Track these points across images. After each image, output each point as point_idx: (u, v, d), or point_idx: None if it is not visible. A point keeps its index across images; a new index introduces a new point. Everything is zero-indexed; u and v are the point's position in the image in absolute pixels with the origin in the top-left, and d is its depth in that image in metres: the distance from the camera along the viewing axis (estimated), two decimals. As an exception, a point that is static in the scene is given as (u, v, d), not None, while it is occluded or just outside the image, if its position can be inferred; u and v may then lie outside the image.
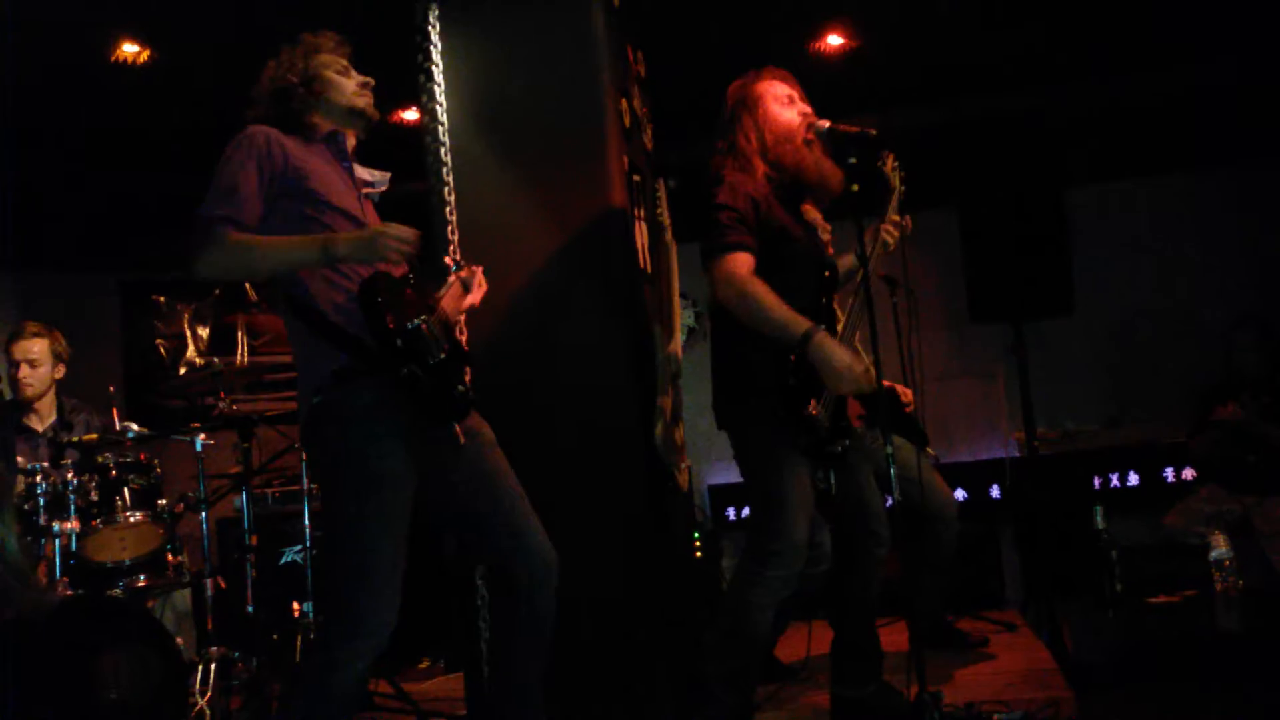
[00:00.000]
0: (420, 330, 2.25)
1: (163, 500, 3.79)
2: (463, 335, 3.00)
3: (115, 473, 3.69)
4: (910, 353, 3.59)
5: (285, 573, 4.71)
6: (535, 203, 3.08)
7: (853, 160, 2.77)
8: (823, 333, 2.66)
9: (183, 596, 4.02)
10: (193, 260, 2.22)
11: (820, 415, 2.73)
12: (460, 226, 3.10)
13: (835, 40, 5.25)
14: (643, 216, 3.35)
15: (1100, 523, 4.49)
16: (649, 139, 3.70)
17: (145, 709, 3.16)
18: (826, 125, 2.84)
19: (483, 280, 2.59)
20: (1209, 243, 5.88)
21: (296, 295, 2.30)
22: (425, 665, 4.84)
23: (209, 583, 3.91)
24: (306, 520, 4.05)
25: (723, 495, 6.11)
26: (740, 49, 4.64)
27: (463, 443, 2.36)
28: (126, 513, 3.65)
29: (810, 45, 5.26)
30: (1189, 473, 5.37)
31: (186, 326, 6.18)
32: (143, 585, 3.64)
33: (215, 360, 5.91)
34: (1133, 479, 5.56)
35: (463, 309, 2.56)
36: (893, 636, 3.42)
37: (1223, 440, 4.57)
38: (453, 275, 2.54)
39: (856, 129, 2.78)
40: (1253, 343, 4.63)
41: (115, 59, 4.70)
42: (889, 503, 3.08)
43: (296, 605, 3.97)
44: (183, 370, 6.07)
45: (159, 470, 3.84)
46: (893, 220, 3.09)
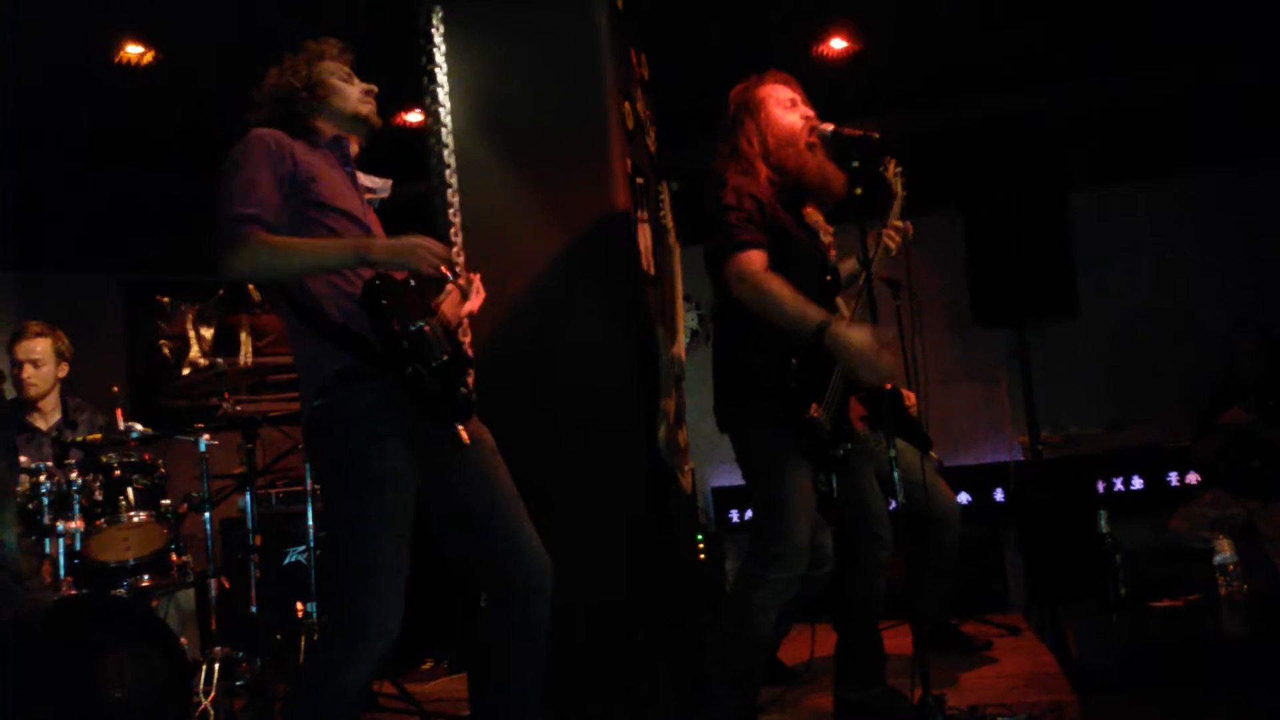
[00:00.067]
0: (424, 332, 2.25)
1: (167, 500, 3.80)
2: (466, 337, 3.01)
3: (119, 473, 3.69)
4: (913, 356, 3.59)
5: (289, 573, 4.72)
6: (538, 205, 3.08)
7: (856, 164, 2.77)
8: (839, 321, 2.65)
9: (187, 596, 4.03)
10: (223, 260, 2.22)
11: (822, 418, 2.73)
12: (463, 228, 3.10)
13: (838, 43, 5.25)
14: (646, 219, 3.35)
15: (1104, 526, 4.48)
16: (652, 141, 3.70)
17: (149, 709, 3.16)
18: (830, 128, 2.85)
19: (480, 287, 2.59)
20: (1210, 244, 5.87)
21: (298, 296, 2.29)
22: (429, 666, 4.84)
23: (213, 583, 3.92)
24: (310, 520, 4.06)
25: (726, 498, 6.11)
26: (743, 52, 4.64)
27: (466, 444, 2.36)
28: (130, 513, 3.65)
29: (813, 48, 5.26)
30: (1193, 477, 5.36)
31: (190, 327, 6.18)
32: (146, 585, 3.64)
33: (219, 361, 5.89)
34: (1137, 483, 5.55)
35: (462, 315, 2.56)
36: (896, 639, 3.41)
37: (1227, 444, 4.56)
38: (449, 284, 2.54)
39: (859, 132, 2.78)
40: (1253, 346, 4.63)
41: (119, 60, 4.71)
42: (892, 506, 3.07)
43: (300, 605, 3.98)
44: (186, 371, 6.07)
45: (163, 470, 3.84)
46: (894, 226, 3.09)
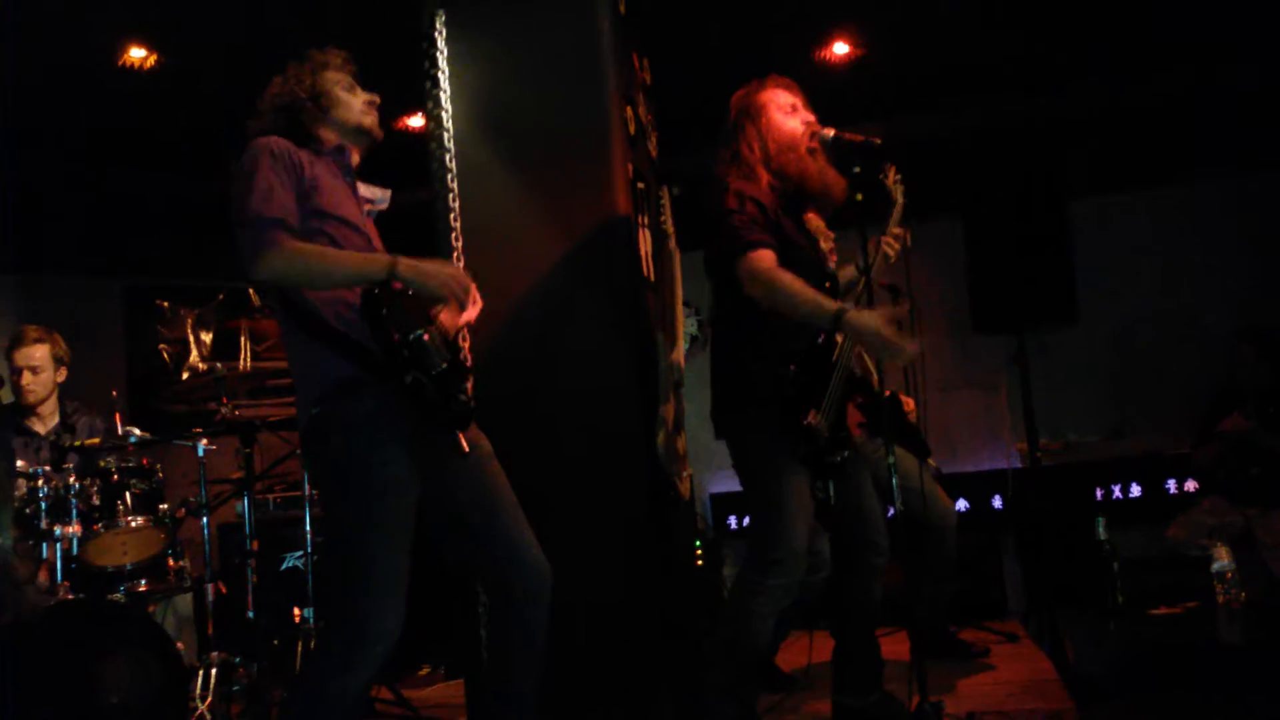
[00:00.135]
0: (423, 341, 2.25)
1: (164, 505, 3.79)
2: (465, 343, 3.00)
3: (117, 477, 3.69)
4: (913, 363, 3.59)
5: (286, 578, 4.71)
6: (539, 209, 3.08)
7: (857, 169, 2.78)
8: (853, 309, 2.63)
9: (184, 601, 4.03)
10: (253, 263, 2.20)
11: (819, 425, 2.73)
12: (464, 233, 3.10)
13: (840, 48, 5.26)
14: (646, 224, 3.35)
15: (1102, 534, 4.49)
16: (653, 146, 3.71)
17: (146, 714, 3.16)
18: (831, 134, 2.85)
19: (478, 297, 2.59)
20: (1211, 249, 5.88)
21: (297, 302, 2.29)
22: (426, 672, 4.84)
23: (210, 588, 3.92)
24: (308, 526, 4.05)
25: (724, 504, 6.11)
26: (745, 57, 4.63)
27: (466, 452, 2.36)
28: (128, 517, 3.64)
29: (815, 53, 5.27)
30: (1191, 484, 5.36)
31: (189, 331, 6.19)
32: (144, 590, 3.63)
33: (218, 365, 5.89)
34: (1135, 490, 5.55)
35: (460, 324, 2.56)
36: (894, 646, 3.41)
37: (1226, 452, 4.56)
38: None
39: (861, 138, 2.79)
40: (1254, 354, 4.63)
41: (122, 63, 4.71)
42: (890, 512, 3.07)
43: (297, 611, 3.98)
44: (185, 375, 6.08)
45: (161, 475, 3.84)
46: (894, 233, 3.09)
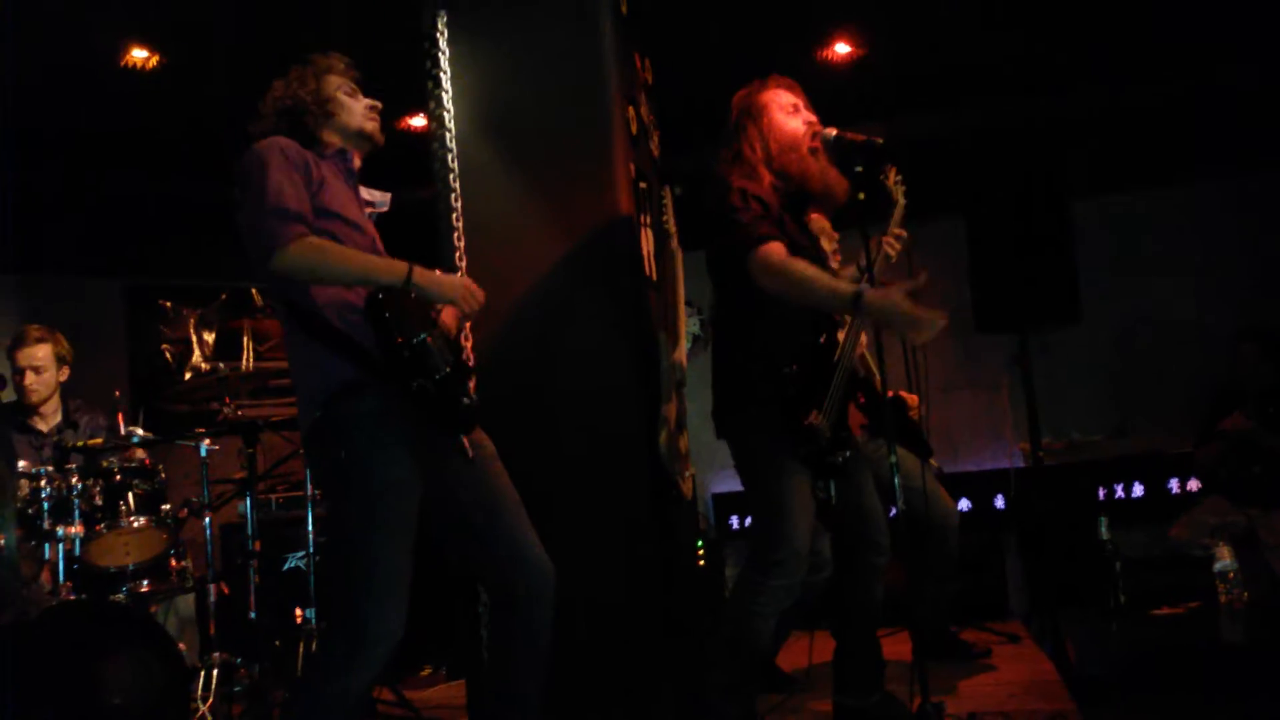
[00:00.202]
0: (426, 344, 2.25)
1: (166, 505, 3.79)
2: (467, 342, 3.00)
3: (119, 477, 3.69)
4: (915, 363, 3.59)
5: (288, 579, 4.71)
6: (541, 209, 3.08)
7: (859, 169, 2.77)
8: (872, 289, 2.62)
9: (186, 602, 4.02)
10: (272, 255, 2.19)
11: (821, 425, 2.72)
12: (466, 233, 3.10)
13: (842, 48, 5.26)
14: (648, 223, 3.35)
15: (1105, 534, 4.48)
16: (655, 146, 3.71)
17: (147, 714, 3.15)
18: (833, 133, 2.84)
19: (477, 290, 2.58)
20: (1212, 248, 5.88)
21: (300, 303, 2.29)
22: (428, 673, 4.83)
23: (212, 588, 3.92)
24: (310, 526, 4.05)
25: (726, 504, 6.11)
26: (747, 57, 4.64)
27: (471, 456, 2.36)
28: (130, 517, 3.65)
29: (817, 53, 5.27)
30: (1194, 484, 5.36)
31: (192, 331, 6.19)
32: (146, 590, 3.63)
33: (220, 365, 5.91)
34: (1138, 490, 5.54)
35: (462, 321, 2.56)
36: (895, 646, 3.41)
37: (1228, 452, 4.56)
38: None
39: (862, 138, 2.78)
40: (1256, 354, 4.62)
41: (124, 63, 4.72)
42: (892, 512, 3.07)
43: (299, 611, 3.98)
44: (188, 375, 6.08)
45: (163, 475, 3.84)
46: (894, 234, 3.09)
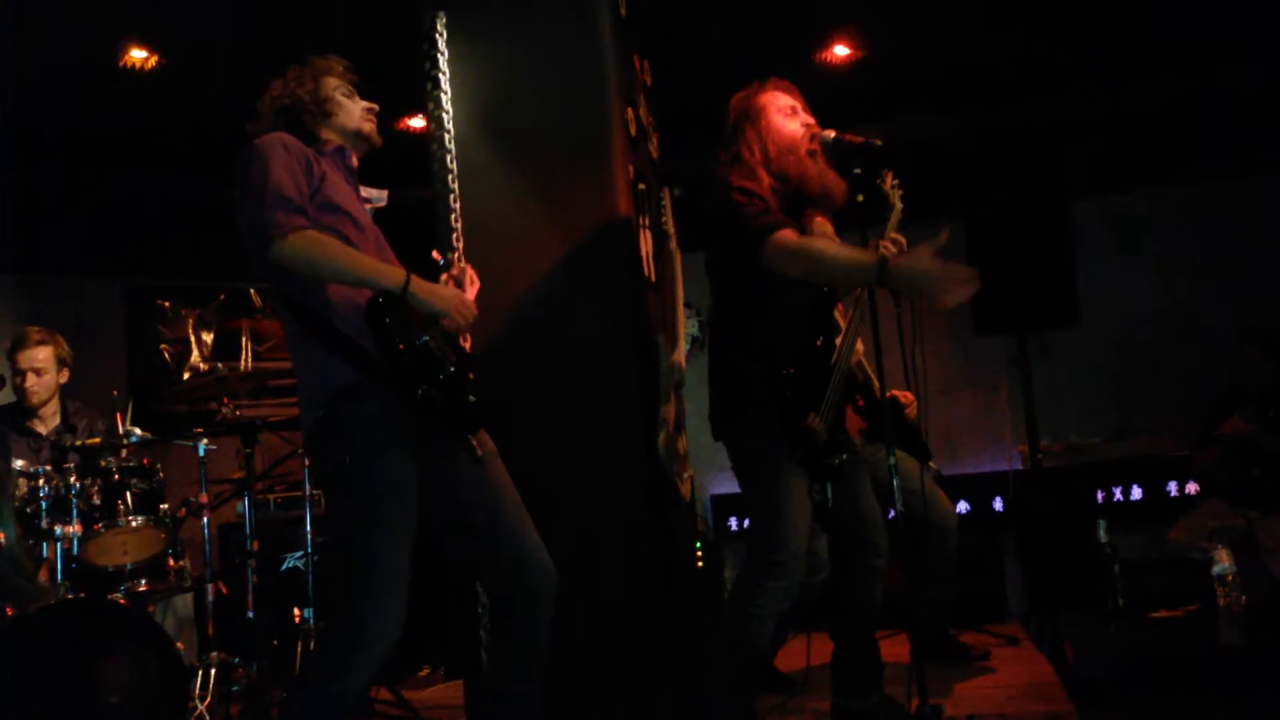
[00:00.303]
0: (428, 346, 2.24)
1: (165, 505, 3.79)
2: (466, 343, 3.00)
3: (118, 477, 3.68)
4: (914, 365, 3.59)
5: (286, 579, 4.71)
6: (540, 210, 3.08)
7: (857, 171, 2.77)
8: (894, 257, 2.58)
9: (184, 601, 4.03)
10: (272, 245, 2.18)
11: (818, 428, 2.73)
12: (465, 234, 3.10)
13: (841, 50, 5.26)
14: (647, 225, 3.35)
15: (1103, 536, 4.49)
16: (654, 147, 3.71)
17: (145, 713, 3.16)
18: (831, 135, 2.84)
19: (475, 277, 2.58)
20: (1211, 249, 5.88)
21: (301, 303, 2.28)
22: (425, 673, 4.83)
23: (210, 588, 3.92)
24: (308, 526, 4.05)
25: (725, 505, 6.11)
26: (746, 59, 4.66)
27: (480, 456, 2.35)
28: (128, 517, 3.64)
29: (816, 55, 5.27)
30: (1192, 487, 5.35)
31: (191, 331, 6.19)
32: (144, 589, 3.63)
33: (219, 365, 5.92)
34: (1136, 493, 5.54)
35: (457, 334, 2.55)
36: (894, 649, 3.41)
37: (1227, 455, 4.56)
38: (445, 274, 2.55)
39: (861, 139, 2.78)
40: (1256, 355, 4.63)
41: (123, 64, 4.72)
42: (891, 514, 3.07)
43: (297, 611, 3.97)
44: (186, 375, 6.08)
45: (161, 475, 3.84)
46: (891, 238, 3.08)
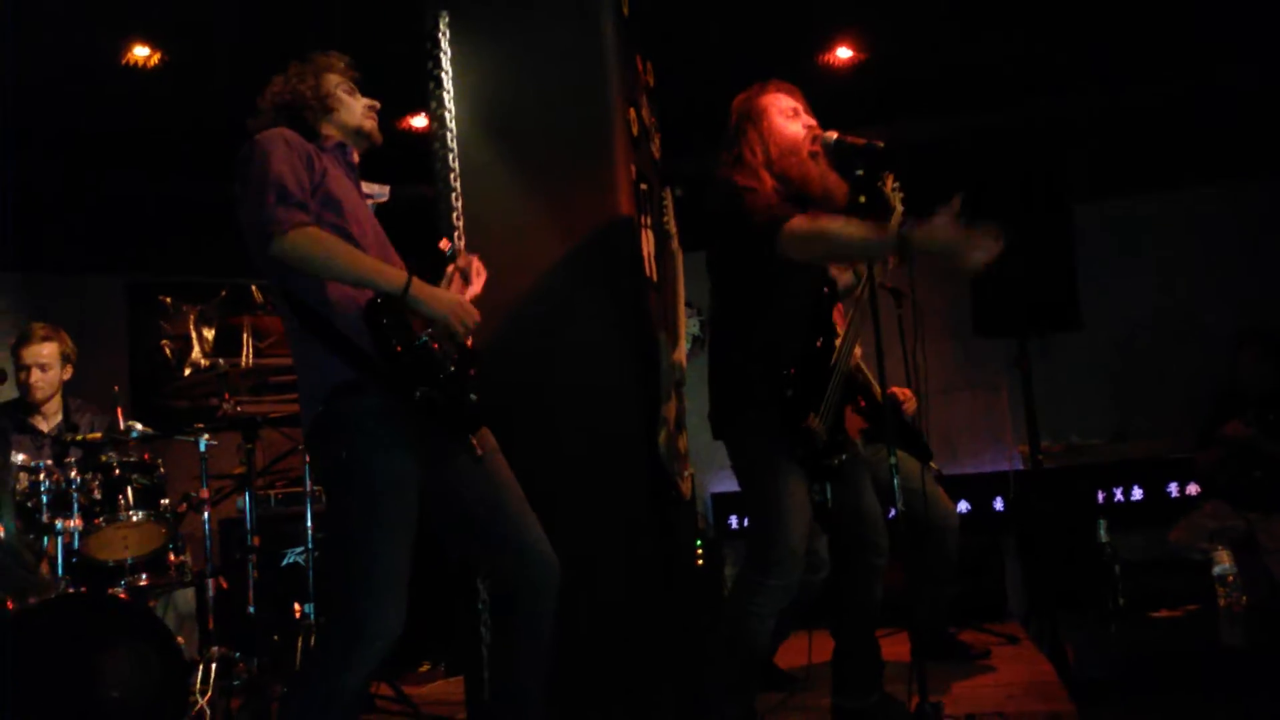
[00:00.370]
0: (427, 346, 2.24)
1: (165, 500, 3.80)
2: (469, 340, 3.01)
3: (119, 472, 3.69)
4: (915, 364, 3.59)
5: (287, 574, 4.72)
6: (542, 210, 3.08)
7: (859, 172, 2.77)
8: (914, 227, 2.55)
9: (184, 596, 4.03)
10: (271, 240, 2.18)
11: (818, 429, 2.73)
12: (467, 233, 3.11)
13: (844, 52, 5.26)
14: (649, 225, 3.36)
15: (1104, 536, 4.48)
16: (656, 147, 3.71)
17: (145, 708, 3.16)
18: (834, 136, 2.84)
19: (481, 268, 2.58)
20: (1211, 251, 5.88)
21: (302, 301, 2.27)
22: (426, 669, 4.84)
23: (211, 583, 3.93)
24: (309, 522, 4.06)
25: (725, 503, 6.12)
26: (748, 60, 4.67)
27: (480, 455, 2.35)
28: (129, 512, 3.65)
29: (818, 57, 5.27)
30: (1193, 488, 5.36)
31: (192, 328, 6.20)
32: (144, 584, 3.64)
33: (220, 362, 5.92)
34: (1137, 493, 5.55)
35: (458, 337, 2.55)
36: (894, 647, 3.41)
37: (1228, 456, 4.56)
38: (451, 265, 2.55)
39: (863, 141, 2.78)
40: (1257, 358, 4.62)
41: (126, 61, 4.72)
42: (891, 514, 3.08)
43: (298, 606, 3.98)
44: (188, 371, 6.09)
45: (162, 470, 3.85)
46: None
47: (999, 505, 5.64)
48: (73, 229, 5.85)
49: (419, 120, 5.41)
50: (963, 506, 5.57)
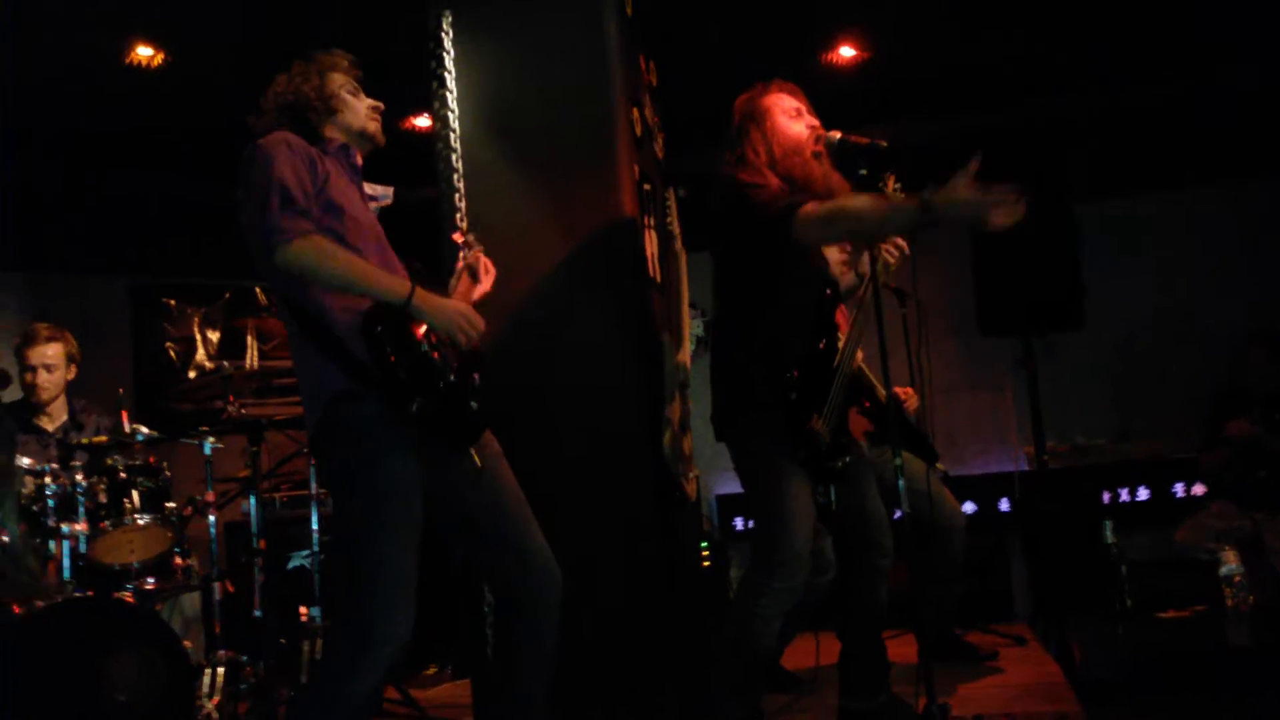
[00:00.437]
0: (427, 355, 2.23)
1: (171, 503, 3.80)
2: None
3: (124, 475, 3.69)
4: (919, 365, 3.59)
5: (293, 577, 4.72)
6: (545, 210, 3.08)
7: (863, 172, 2.77)
8: (935, 191, 2.50)
9: (191, 600, 4.03)
10: (275, 249, 2.17)
11: (821, 430, 2.72)
12: (470, 233, 3.10)
13: (847, 52, 5.26)
14: (652, 225, 3.35)
15: (1110, 537, 4.48)
16: (659, 148, 3.71)
17: (152, 712, 3.16)
18: (837, 136, 2.84)
19: (490, 265, 2.57)
20: (1214, 251, 5.87)
21: (304, 307, 2.26)
22: (432, 671, 4.84)
23: (217, 586, 3.92)
24: (314, 525, 4.06)
25: (730, 505, 6.11)
26: (750, 60, 4.66)
27: (479, 467, 2.33)
28: (135, 515, 3.65)
29: (821, 56, 5.27)
30: (1199, 488, 5.35)
31: (196, 330, 6.20)
32: (151, 588, 3.64)
33: (225, 364, 5.92)
34: (1142, 494, 5.54)
35: (475, 300, 2.52)
36: (901, 649, 3.40)
37: (1234, 457, 4.56)
38: (460, 261, 2.54)
39: (866, 141, 2.78)
40: (1265, 358, 4.62)
41: (129, 61, 4.73)
42: (897, 515, 3.07)
43: (304, 610, 3.98)
44: (192, 374, 6.10)
45: (167, 473, 3.85)
46: (894, 243, 3.08)
47: (1004, 506, 5.63)
48: (74, 229, 5.85)
49: (422, 120, 5.41)
50: (968, 507, 5.56)
